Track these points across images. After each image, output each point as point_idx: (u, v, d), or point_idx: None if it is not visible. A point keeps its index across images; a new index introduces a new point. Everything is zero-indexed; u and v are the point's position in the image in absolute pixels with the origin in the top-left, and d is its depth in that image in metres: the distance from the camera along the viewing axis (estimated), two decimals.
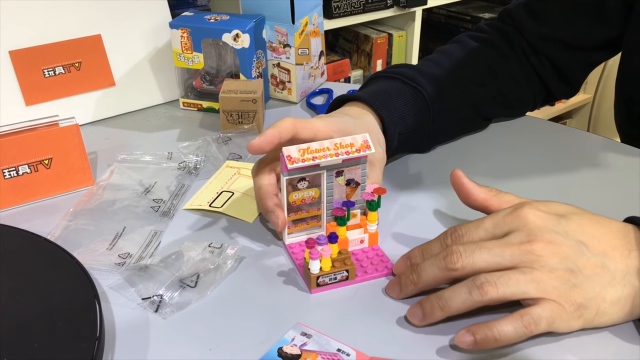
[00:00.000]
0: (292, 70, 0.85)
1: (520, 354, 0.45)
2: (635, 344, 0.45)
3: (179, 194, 0.65)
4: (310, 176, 0.53)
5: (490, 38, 0.78)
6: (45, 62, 0.76)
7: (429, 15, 2.28)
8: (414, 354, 0.45)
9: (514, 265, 0.45)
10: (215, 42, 0.84)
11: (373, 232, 0.55)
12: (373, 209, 0.54)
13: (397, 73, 0.70)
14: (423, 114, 0.67)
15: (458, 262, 0.45)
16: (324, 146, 0.51)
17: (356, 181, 0.55)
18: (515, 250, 0.45)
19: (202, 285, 0.51)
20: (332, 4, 1.72)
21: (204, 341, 0.46)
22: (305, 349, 0.44)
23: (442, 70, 0.73)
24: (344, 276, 0.51)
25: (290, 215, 0.54)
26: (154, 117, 0.85)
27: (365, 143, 0.52)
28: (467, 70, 0.74)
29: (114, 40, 0.81)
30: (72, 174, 0.66)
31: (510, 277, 0.44)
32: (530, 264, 0.45)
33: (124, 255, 0.56)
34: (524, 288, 0.44)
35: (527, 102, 0.80)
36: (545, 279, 0.44)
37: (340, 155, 0.51)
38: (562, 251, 0.45)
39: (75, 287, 0.49)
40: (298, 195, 0.53)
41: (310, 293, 0.51)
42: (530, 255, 0.45)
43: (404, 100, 0.66)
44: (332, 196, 0.54)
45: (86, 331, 0.44)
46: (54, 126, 0.64)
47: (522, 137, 0.76)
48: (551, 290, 0.44)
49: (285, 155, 0.50)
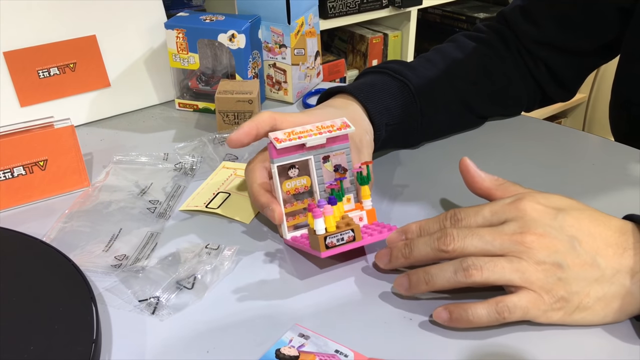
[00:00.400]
0: (288, 70, 0.85)
1: (516, 354, 0.45)
2: (634, 344, 0.45)
3: (175, 195, 0.65)
4: (299, 163, 0.54)
5: (486, 38, 0.78)
6: (40, 63, 0.76)
7: (424, 15, 2.28)
8: (412, 355, 0.45)
9: (503, 253, 0.46)
10: (210, 42, 0.84)
11: (370, 209, 0.56)
12: (364, 182, 0.55)
13: (385, 67, 0.71)
14: (409, 106, 0.68)
15: (450, 245, 0.47)
16: (307, 128, 0.54)
17: (343, 167, 0.56)
18: (506, 239, 0.46)
19: (199, 286, 0.51)
20: (328, 4, 1.72)
21: (202, 343, 0.46)
22: (303, 350, 0.44)
23: (434, 66, 0.73)
24: (351, 236, 0.51)
25: (286, 207, 0.55)
26: (150, 118, 0.84)
27: (344, 123, 0.55)
28: (460, 68, 0.74)
29: (109, 40, 0.80)
30: (68, 176, 0.66)
31: (496, 263, 0.45)
32: (518, 254, 0.46)
33: (120, 257, 0.55)
34: (509, 276, 0.45)
35: (522, 102, 0.80)
36: (531, 270, 0.45)
37: (324, 133, 0.54)
38: (553, 245, 0.45)
39: (71, 289, 0.49)
40: (291, 184, 0.55)
41: (320, 256, 0.50)
42: (519, 245, 0.46)
43: (390, 93, 0.67)
44: (322, 183, 0.56)
45: (83, 334, 0.44)
46: (49, 127, 0.64)
47: (517, 136, 0.76)
48: (534, 281, 0.45)
49: (273, 138, 0.52)
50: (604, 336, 0.46)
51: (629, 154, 0.71)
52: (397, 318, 0.48)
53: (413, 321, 0.48)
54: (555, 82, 0.79)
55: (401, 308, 0.49)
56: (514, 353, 0.45)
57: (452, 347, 0.45)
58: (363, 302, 0.50)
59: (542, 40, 0.76)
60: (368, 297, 0.50)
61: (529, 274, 0.45)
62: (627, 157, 0.71)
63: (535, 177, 0.67)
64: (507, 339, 0.46)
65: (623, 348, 0.45)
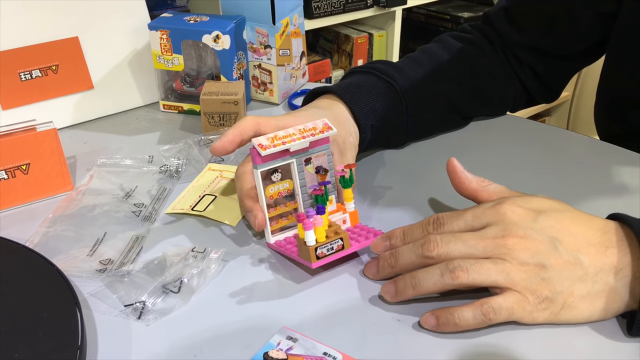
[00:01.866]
0: (274, 71, 0.85)
1: (505, 355, 0.45)
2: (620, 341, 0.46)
3: (160, 197, 0.64)
4: (282, 167, 0.55)
5: (472, 38, 0.79)
6: (22, 65, 0.75)
7: (409, 14, 2.29)
8: (401, 356, 0.45)
9: (486, 256, 0.46)
10: (195, 43, 0.84)
11: (352, 211, 0.56)
12: (347, 185, 0.55)
13: (372, 68, 0.71)
14: (395, 106, 0.68)
15: (434, 251, 0.47)
16: (289, 132, 0.54)
17: (324, 168, 0.57)
18: (489, 243, 0.47)
19: (185, 290, 0.51)
20: (312, 4, 1.72)
21: (189, 348, 0.46)
22: (291, 354, 0.44)
23: (420, 67, 0.73)
24: (340, 245, 0.51)
25: (270, 212, 0.55)
26: (134, 120, 0.83)
27: (326, 125, 0.56)
28: (445, 68, 0.74)
29: (92, 42, 0.80)
30: (51, 179, 0.65)
31: (482, 265, 0.46)
32: (502, 255, 0.46)
33: (105, 261, 0.55)
34: (494, 277, 0.45)
35: (508, 102, 0.80)
36: (515, 271, 0.45)
37: (307, 137, 0.54)
38: (534, 246, 0.46)
39: (55, 294, 0.48)
40: (274, 189, 0.54)
41: (311, 267, 0.50)
42: (502, 248, 0.46)
43: (376, 94, 0.67)
44: (305, 186, 0.56)
45: (67, 340, 0.44)
46: (31, 131, 0.63)
47: (501, 136, 0.76)
48: (518, 281, 0.45)
49: (257, 144, 0.52)
50: (592, 334, 0.46)
51: (613, 153, 0.72)
52: (386, 320, 0.48)
53: (402, 322, 0.48)
54: (539, 83, 0.80)
55: (390, 310, 0.49)
56: (503, 353, 0.45)
57: (442, 348, 0.45)
58: (351, 303, 0.50)
59: (525, 43, 0.77)
60: (356, 299, 0.50)
61: (513, 275, 0.45)
62: (611, 156, 0.71)
63: (520, 176, 0.67)
64: (496, 339, 0.46)
65: (610, 346, 0.45)
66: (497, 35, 0.79)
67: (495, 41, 0.78)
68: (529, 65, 0.78)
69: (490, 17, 0.80)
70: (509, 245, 0.46)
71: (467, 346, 0.45)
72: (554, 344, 0.45)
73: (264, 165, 0.53)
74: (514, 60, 0.78)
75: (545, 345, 0.45)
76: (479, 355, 0.45)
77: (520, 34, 0.77)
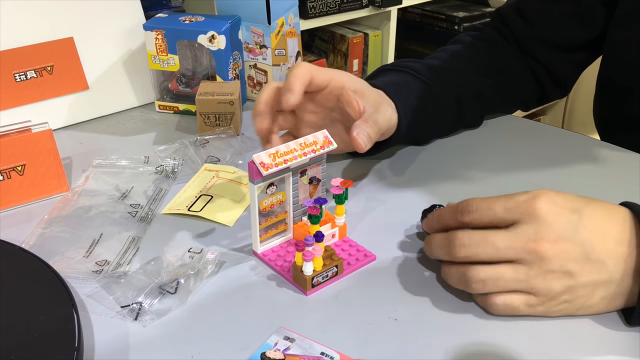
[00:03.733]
0: (269, 71, 0.85)
1: (502, 354, 0.45)
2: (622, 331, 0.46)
3: (156, 198, 0.64)
4: (278, 180, 0.53)
5: (488, 36, 0.80)
6: (16, 66, 0.74)
7: (404, 14, 2.29)
8: (398, 356, 0.45)
9: (514, 260, 0.46)
10: (190, 43, 0.84)
11: (342, 225, 0.56)
12: (341, 202, 0.55)
13: (406, 67, 0.70)
14: (430, 106, 0.68)
15: (461, 253, 0.47)
16: (291, 148, 0.52)
17: (317, 178, 0.56)
18: (520, 248, 0.45)
19: (182, 291, 0.51)
20: (308, 4, 1.72)
21: (186, 348, 0.46)
22: (288, 354, 0.44)
23: (446, 64, 0.74)
24: (334, 272, 0.52)
25: (262, 223, 0.54)
26: (130, 120, 0.83)
27: (327, 139, 0.54)
28: (471, 63, 0.75)
29: (87, 43, 0.79)
30: (46, 180, 0.65)
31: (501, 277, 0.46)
32: (529, 263, 0.45)
33: (102, 262, 0.54)
34: (512, 286, 0.46)
35: (524, 98, 0.82)
36: (539, 279, 0.45)
37: (308, 154, 0.53)
38: (566, 252, 0.45)
39: (52, 296, 0.48)
40: (267, 202, 0.53)
41: (305, 295, 0.50)
42: (532, 255, 0.45)
43: (415, 93, 0.67)
44: (297, 197, 0.55)
45: (64, 342, 0.43)
46: (26, 132, 0.63)
47: (499, 135, 0.76)
48: (540, 289, 0.45)
49: (258, 163, 0.50)
50: (593, 335, 0.46)
51: (611, 152, 0.72)
52: (383, 319, 0.48)
53: (398, 322, 0.48)
54: (552, 79, 0.81)
55: (386, 309, 0.49)
56: (502, 353, 0.45)
57: (438, 347, 0.45)
58: (348, 303, 0.50)
59: (535, 37, 0.78)
60: (353, 299, 0.50)
61: (536, 283, 0.45)
62: (609, 155, 0.71)
63: (518, 175, 0.67)
64: (493, 338, 0.46)
65: (611, 346, 0.45)
66: (509, 32, 0.80)
67: (510, 38, 0.79)
68: (542, 59, 0.79)
69: (501, 13, 0.81)
70: (540, 253, 0.45)
71: (465, 346, 0.45)
72: (554, 344, 0.45)
73: (262, 180, 0.52)
74: (528, 55, 0.79)
75: (545, 345, 0.45)
76: (477, 355, 0.45)
77: (531, 28, 0.78)
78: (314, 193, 0.57)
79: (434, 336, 0.46)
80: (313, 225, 0.52)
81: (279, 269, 0.53)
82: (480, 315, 0.48)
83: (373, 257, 0.54)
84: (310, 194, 0.56)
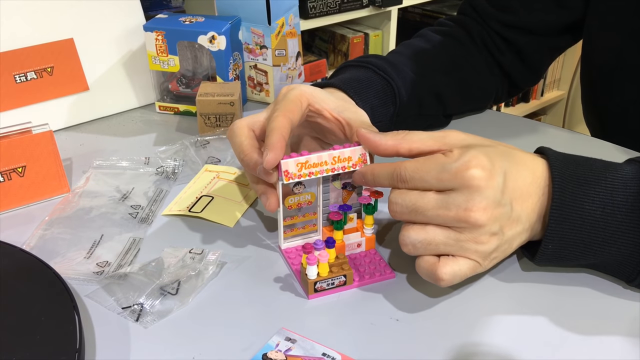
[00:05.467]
0: (269, 71, 0.85)
1: (503, 355, 0.45)
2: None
3: (157, 199, 0.64)
4: (306, 180, 0.52)
5: (451, 31, 0.80)
6: (17, 67, 0.74)
7: (405, 14, 2.29)
8: (399, 356, 0.45)
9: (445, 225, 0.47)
10: (190, 44, 0.83)
11: (370, 236, 0.54)
12: (370, 212, 0.53)
13: (368, 62, 0.70)
14: (390, 106, 0.69)
15: (396, 215, 0.49)
16: (322, 160, 0.50)
17: (352, 184, 0.54)
18: (451, 216, 0.46)
19: (183, 292, 0.51)
20: (308, 4, 1.72)
21: (187, 350, 0.45)
22: (290, 355, 0.44)
23: (411, 62, 0.73)
24: (342, 281, 0.51)
25: (286, 220, 0.53)
26: (130, 121, 0.83)
27: (363, 157, 0.52)
28: (431, 61, 0.75)
29: (87, 43, 0.79)
30: (47, 182, 0.65)
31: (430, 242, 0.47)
32: (461, 230, 0.47)
33: (102, 263, 0.54)
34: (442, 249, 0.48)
35: (490, 92, 0.81)
36: (471, 243, 0.47)
37: (337, 170, 0.51)
38: (493, 216, 0.47)
39: (52, 298, 0.48)
40: (294, 200, 0.52)
41: (307, 299, 0.50)
42: (463, 222, 0.46)
43: (375, 91, 0.67)
44: (328, 200, 0.54)
45: (66, 343, 0.43)
46: (27, 133, 0.63)
47: (498, 133, 0.76)
48: (472, 253, 0.48)
49: (283, 170, 0.49)
50: (594, 335, 0.46)
51: (610, 150, 0.72)
52: (384, 319, 0.48)
53: (400, 322, 0.48)
54: (522, 65, 0.80)
55: (388, 309, 0.49)
56: (502, 353, 0.45)
57: (440, 348, 0.45)
58: (349, 304, 0.50)
59: (509, 22, 0.77)
60: (354, 299, 0.50)
61: (468, 246, 0.47)
62: (609, 154, 0.71)
63: None
64: (495, 338, 0.46)
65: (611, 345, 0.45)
66: (476, 23, 0.79)
67: (474, 30, 0.79)
68: (514, 45, 0.78)
69: (471, 2, 0.81)
70: (471, 222, 0.46)
71: (465, 346, 0.45)
72: (554, 344, 0.45)
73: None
74: (493, 47, 0.79)
75: (545, 345, 0.45)
76: (477, 355, 0.45)
77: (505, 13, 0.77)
78: (347, 199, 0.54)
79: (436, 336, 0.46)
80: (337, 231, 0.52)
81: (294, 269, 0.53)
82: (482, 316, 0.48)
83: (391, 275, 0.52)
84: (344, 199, 0.54)
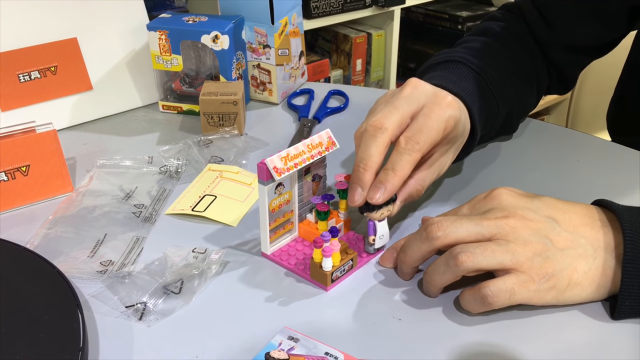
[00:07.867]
0: (273, 71, 0.85)
1: (504, 355, 0.45)
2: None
3: (160, 198, 0.64)
4: (286, 179, 0.53)
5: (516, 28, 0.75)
6: (21, 66, 0.75)
7: (408, 14, 2.29)
8: (401, 355, 0.45)
9: (490, 236, 0.47)
10: (194, 44, 0.84)
11: (346, 219, 0.57)
12: (345, 196, 0.55)
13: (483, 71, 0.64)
14: (488, 128, 0.65)
15: (439, 231, 0.47)
16: (300, 150, 0.52)
17: (319, 175, 0.56)
18: (492, 223, 0.47)
19: (186, 291, 0.51)
20: (311, 4, 1.72)
21: (190, 348, 0.46)
22: (292, 354, 0.44)
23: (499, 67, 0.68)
24: (350, 265, 0.52)
25: (271, 224, 0.54)
26: (133, 120, 0.83)
27: (330, 139, 0.54)
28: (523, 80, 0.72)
29: (91, 43, 0.80)
30: (51, 181, 0.65)
31: (486, 247, 0.46)
32: (505, 236, 0.46)
33: (106, 262, 0.55)
34: (500, 258, 0.45)
35: (542, 89, 0.78)
36: (520, 250, 0.46)
37: (315, 157, 0.53)
38: (535, 225, 0.47)
39: (56, 296, 0.48)
40: (276, 202, 0.53)
41: (326, 291, 0.51)
42: (505, 227, 0.47)
43: (486, 114, 0.63)
44: (302, 195, 0.55)
45: (69, 342, 0.44)
46: (30, 132, 0.63)
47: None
48: (524, 261, 0.45)
49: (272, 167, 0.50)
50: (594, 336, 0.46)
51: (614, 151, 0.72)
52: (386, 319, 0.48)
53: (402, 322, 0.48)
54: (558, 77, 0.79)
55: (390, 309, 0.49)
56: (503, 353, 0.45)
57: (441, 347, 0.45)
58: (352, 303, 0.50)
59: (556, 41, 0.75)
60: (357, 299, 0.50)
61: (519, 254, 0.45)
62: (612, 154, 0.71)
63: (520, 174, 0.67)
64: (496, 338, 0.46)
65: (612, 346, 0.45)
66: (529, 30, 0.76)
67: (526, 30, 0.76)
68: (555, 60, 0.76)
69: (521, 9, 0.77)
70: (511, 224, 0.46)
71: (467, 346, 0.45)
72: (555, 344, 0.45)
73: (272, 181, 0.51)
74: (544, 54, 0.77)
75: (545, 345, 0.45)
76: (478, 355, 0.45)
77: (551, 31, 0.74)
78: (316, 190, 0.57)
79: (438, 336, 0.46)
80: (321, 222, 0.54)
81: (294, 267, 0.53)
82: (484, 316, 0.48)
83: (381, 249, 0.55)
84: (313, 191, 0.57)
